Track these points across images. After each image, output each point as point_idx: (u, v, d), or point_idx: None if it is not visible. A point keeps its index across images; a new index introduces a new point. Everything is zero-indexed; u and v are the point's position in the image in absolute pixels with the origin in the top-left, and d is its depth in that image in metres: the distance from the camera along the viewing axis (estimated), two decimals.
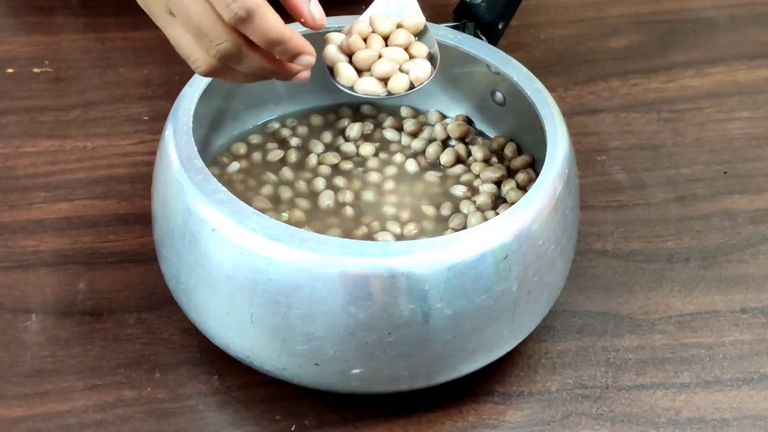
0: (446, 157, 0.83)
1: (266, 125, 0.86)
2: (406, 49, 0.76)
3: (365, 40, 0.76)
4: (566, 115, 0.78)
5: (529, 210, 0.72)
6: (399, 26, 0.77)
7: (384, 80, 0.75)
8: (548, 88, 0.79)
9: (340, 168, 0.83)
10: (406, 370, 0.72)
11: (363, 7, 0.77)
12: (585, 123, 0.98)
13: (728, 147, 0.96)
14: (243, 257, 0.70)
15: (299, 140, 0.85)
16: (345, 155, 0.84)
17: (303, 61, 0.71)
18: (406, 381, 0.74)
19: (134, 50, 1.02)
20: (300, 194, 0.81)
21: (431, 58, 0.77)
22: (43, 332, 0.81)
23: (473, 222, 0.78)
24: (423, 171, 0.83)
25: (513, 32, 1.00)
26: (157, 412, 0.77)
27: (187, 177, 0.72)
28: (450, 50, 0.81)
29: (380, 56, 0.75)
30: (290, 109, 0.87)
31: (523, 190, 0.80)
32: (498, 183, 0.82)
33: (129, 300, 0.83)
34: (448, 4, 0.88)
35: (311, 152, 0.84)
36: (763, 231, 0.90)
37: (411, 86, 0.76)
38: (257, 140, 0.85)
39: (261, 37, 0.68)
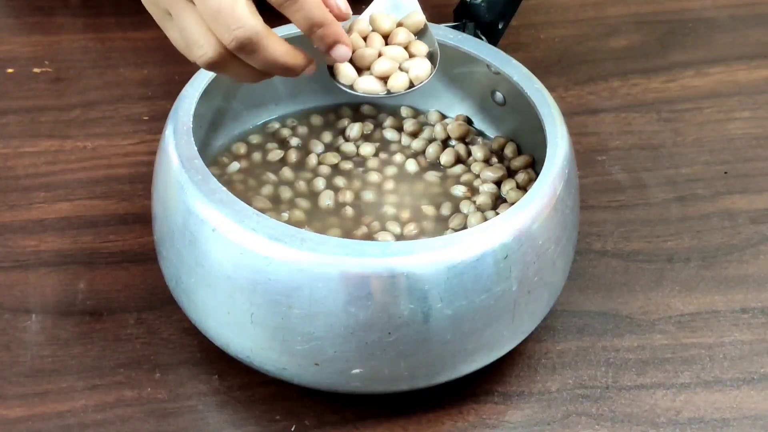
0: (446, 157, 0.83)
1: (266, 125, 0.86)
2: (406, 48, 0.76)
3: (365, 39, 0.76)
4: (566, 115, 0.78)
5: (529, 210, 0.72)
6: (399, 24, 0.77)
7: (384, 79, 0.75)
8: (548, 88, 0.79)
9: (340, 168, 0.83)
10: (406, 370, 0.72)
11: (363, 7, 0.77)
12: (585, 123, 0.98)
13: (728, 147, 0.96)
14: (243, 257, 0.70)
15: (299, 140, 0.85)
16: (345, 155, 0.84)
17: (339, 52, 0.70)
18: (406, 381, 0.74)
19: (134, 50, 1.02)
20: (300, 194, 0.81)
21: (431, 57, 0.77)
22: (43, 332, 0.80)
23: (473, 222, 0.78)
24: (423, 171, 0.83)
25: (513, 32, 1.00)
26: (157, 412, 0.77)
27: (187, 177, 0.72)
28: (450, 50, 0.81)
29: (380, 55, 0.75)
30: (290, 109, 0.87)
31: (523, 190, 0.80)
32: (498, 183, 0.82)
33: (129, 300, 0.83)
34: (448, 4, 0.88)
35: (311, 152, 0.84)
36: (763, 231, 0.90)
37: (411, 85, 0.76)
38: (257, 140, 0.85)
39: (304, 18, 0.66)
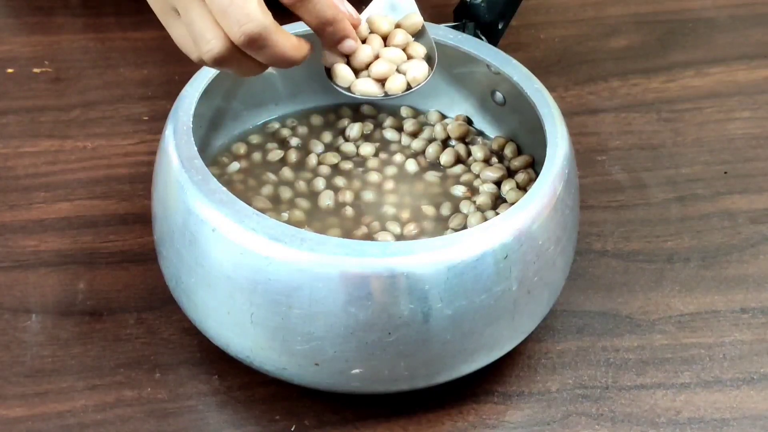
0: (446, 157, 0.83)
1: (266, 125, 0.86)
2: (404, 50, 0.76)
3: (363, 41, 0.76)
4: (566, 115, 0.78)
5: (529, 210, 0.72)
6: (397, 26, 0.77)
7: (381, 81, 0.75)
8: (548, 88, 0.79)
9: (340, 168, 0.83)
10: (406, 370, 0.72)
11: (363, 7, 0.77)
12: (585, 123, 0.98)
13: (728, 147, 0.96)
14: (243, 257, 0.70)
15: (299, 140, 0.85)
16: (345, 155, 0.84)
17: (347, 46, 0.70)
18: (406, 381, 0.74)
19: (134, 50, 1.02)
20: (300, 194, 0.81)
21: (428, 59, 0.77)
22: (43, 332, 0.80)
23: (473, 222, 0.78)
24: (423, 171, 0.83)
25: (513, 32, 1.00)
26: (157, 412, 0.77)
27: (187, 177, 0.72)
28: (450, 50, 0.81)
29: (377, 57, 0.75)
30: (290, 109, 0.87)
31: (523, 190, 0.80)
32: (498, 183, 0.82)
33: (129, 300, 0.83)
34: (448, 4, 0.88)
35: (311, 152, 0.84)
36: (763, 231, 0.90)
37: (408, 87, 0.76)
38: (257, 140, 0.85)
39: (316, 16, 0.66)
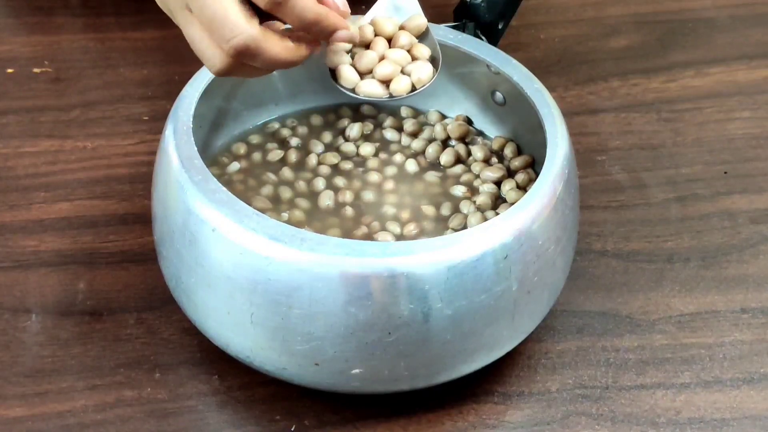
0: (446, 157, 0.83)
1: (266, 125, 0.86)
2: (409, 51, 0.76)
3: (368, 44, 0.76)
4: (566, 115, 0.78)
5: (529, 210, 0.72)
6: (401, 28, 0.77)
7: (386, 82, 0.75)
8: (548, 88, 0.79)
9: (340, 168, 0.83)
10: (406, 370, 0.72)
11: (363, 8, 0.77)
12: (585, 123, 0.98)
13: (728, 147, 0.96)
14: (243, 257, 0.70)
15: (299, 140, 0.85)
16: (345, 155, 0.84)
17: (340, 36, 0.70)
18: (406, 381, 0.74)
19: (134, 50, 1.02)
20: (300, 194, 0.81)
21: (432, 60, 0.77)
22: (43, 332, 0.80)
23: (473, 222, 0.78)
24: (423, 171, 0.83)
25: (513, 32, 1.00)
26: (157, 412, 0.77)
27: (187, 177, 0.72)
28: (450, 50, 0.81)
29: (382, 58, 0.75)
30: (290, 109, 0.87)
31: (523, 190, 0.80)
32: (498, 183, 0.82)
33: (129, 300, 0.83)
34: (448, 4, 0.88)
35: (311, 152, 0.84)
36: (763, 231, 0.90)
37: (413, 88, 0.76)
38: (257, 140, 0.85)
39: (298, 19, 0.66)
